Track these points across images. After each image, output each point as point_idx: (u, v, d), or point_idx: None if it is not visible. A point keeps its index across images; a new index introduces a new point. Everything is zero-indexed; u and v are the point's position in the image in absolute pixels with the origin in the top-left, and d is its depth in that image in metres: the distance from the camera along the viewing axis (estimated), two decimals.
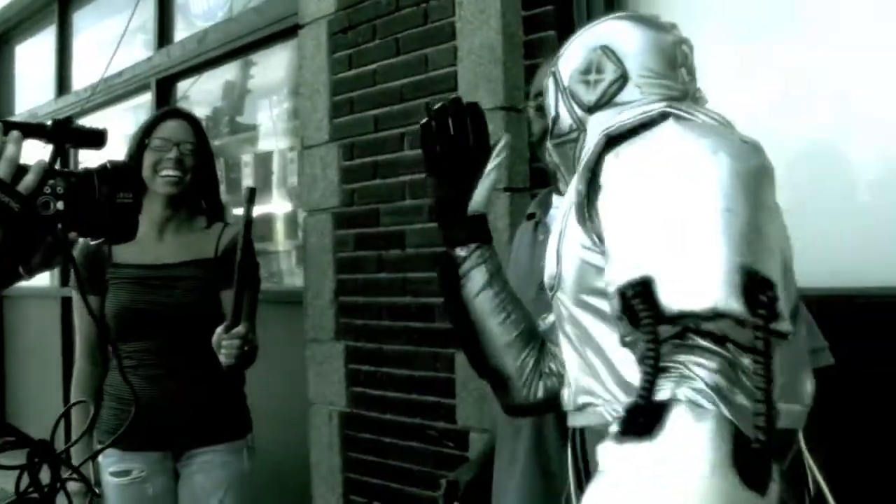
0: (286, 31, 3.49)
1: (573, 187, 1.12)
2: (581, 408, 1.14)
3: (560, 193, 1.61)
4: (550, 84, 1.26)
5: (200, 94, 4.45)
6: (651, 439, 0.73)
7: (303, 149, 3.22)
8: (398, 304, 2.80)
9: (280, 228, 4.07)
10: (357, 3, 2.94)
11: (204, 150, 2.33)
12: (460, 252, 1.29)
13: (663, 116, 1.03)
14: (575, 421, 1.16)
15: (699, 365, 0.78)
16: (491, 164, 1.31)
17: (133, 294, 2.23)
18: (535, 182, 2.53)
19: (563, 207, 1.18)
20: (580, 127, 1.20)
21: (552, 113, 1.24)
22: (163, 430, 2.16)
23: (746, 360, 0.78)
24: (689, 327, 0.80)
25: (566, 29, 2.51)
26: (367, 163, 2.92)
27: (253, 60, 4.16)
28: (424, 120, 1.36)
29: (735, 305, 0.79)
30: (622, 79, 1.17)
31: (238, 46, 3.90)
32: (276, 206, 4.08)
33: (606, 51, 1.18)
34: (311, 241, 3.17)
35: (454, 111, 1.32)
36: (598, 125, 1.14)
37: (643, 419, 0.75)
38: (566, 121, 1.22)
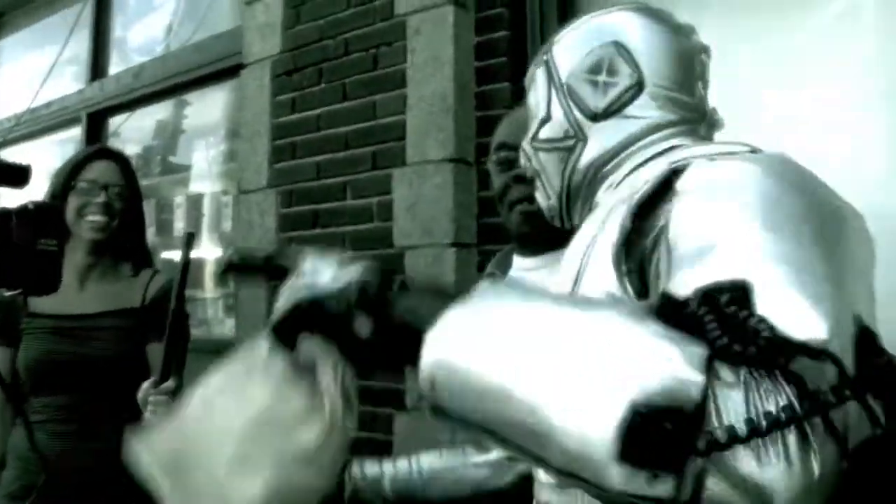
0: (227, 71, 3.36)
1: (596, 220, 0.94)
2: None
3: (526, 253, 1.52)
4: (540, 75, 1.10)
5: (133, 131, 4.27)
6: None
7: (239, 193, 3.08)
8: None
9: (210, 274, 3.90)
10: (303, 45, 2.83)
11: (133, 192, 2.18)
12: None
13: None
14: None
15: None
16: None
17: (49, 344, 2.04)
18: (482, 238, 2.44)
19: (575, 247, 0.99)
20: (578, 135, 1.04)
21: (541, 112, 1.08)
22: (73, 492, 1.97)
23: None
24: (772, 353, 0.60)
25: (520, 81, 2.45)
26: (307, 211, 2.79)
27: (189, 99, 4.01)
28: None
29: (846, 356, 0.61)
30: (638, 86, 1.01)
31: (175, 84, 3.74)
32: (207, 250, 3.91)
33: (621, 49, 1.02)
34: (243, 289, 3.01)
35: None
36: (608, 138, 1.02)
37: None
38: (560, 124, 1.05)
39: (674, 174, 0.84)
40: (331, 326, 0.78)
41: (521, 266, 1.53)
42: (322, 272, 0.81)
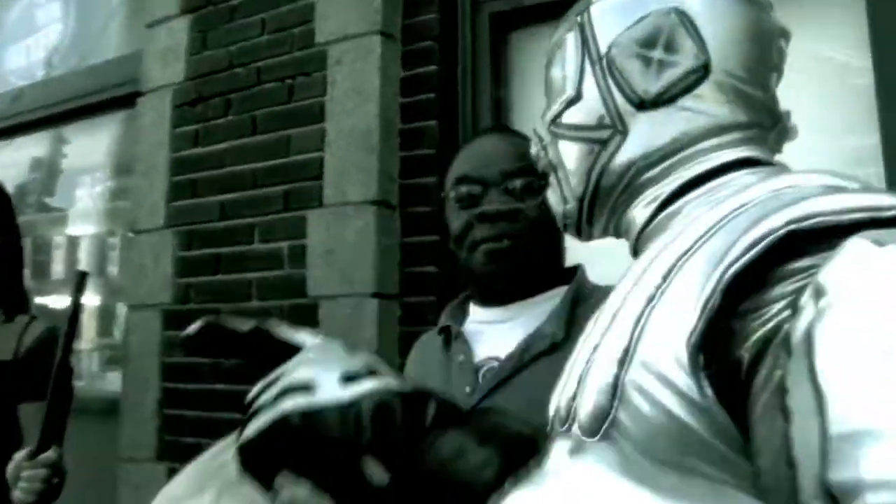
0: (120, 99, 3.05)
1: (651, 276, 0.69)
2: None
3: (488, 302, 1.32)
4: (571, 41, 0.87)
5: (8, 163, 3.87)
6: None
7: (131, 233, 2.77)
8: (238, 421, 2.35)
9: (92, 323, 3.52)
10: (210, 72, 2.58)
11: (9, 229, 1.88)
12: None
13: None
14: None
15: None
16: None
17: None
18: (406, 289, 2.22)
19: (617, 306, 0.73)
20: (617, 124, 0.81)
21: (569, 89, 0.85)
22: None
23: None
24: None
25: (450, 119, 2.28)
26: (208, 255, 2.51)
27: (75, 129, 3.65)
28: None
29: None
30: (703, 70, 0.78)
31: (59, 112, 3.38)
32: (88, 297, 3.54)
33: (685, 20, 0.79)
34: (132, 340, 2.68)
35: None
36: (656, 134, 0.79)
37: None
38: (593, 107, 0.83)
39: (791, 237, 0.60)
40: (327, 464, 0.53)
41: (481, 318, 1.32)
42: (328, 369, 0.56)
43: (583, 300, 1.27)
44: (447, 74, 2.32)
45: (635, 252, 0.85)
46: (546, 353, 1.21)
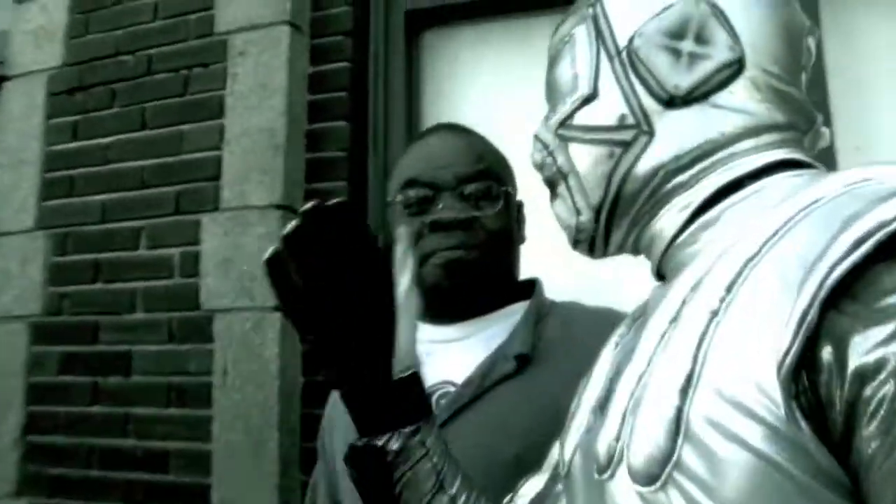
0: None
1: (705, 295, 0.59)
2: None
3: (441, 319, 1.16)
4: (582, 34, 0.78)
5: None
6: None
7: None
8: (117, 448, 2.10)
9: None
10: (93, 58, 2.32)
11: None
12: (391, 443, 0.76)
13: None
14: None
15: None
16: (403, 285, 0.80)
17: None
18: None
19: (667, 307, 0.63)
20: (642, 124, 0.71)
21: (583, 87, 0.75)
22: None
23: None
24: None
25: (360, 119, 2.12)
26: (87, 261, 2.24)
27: None
28: (273, 250, 0.78)
29: None
30: (737, 65, 0.70)
31: None
32: None
33: (717, 10, 0.71)
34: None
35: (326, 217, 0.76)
36: (688, 135, 0.70)
37: None
38: (614, 106, 0.73)
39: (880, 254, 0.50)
40: None
41: (431, 337, 1.17)
42: None
43: (543, 317, 1.14)
44: (358, 72, 2.16)
45: (660, 269, 0.73)
46: (510, 377, 1.08)
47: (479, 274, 1.12)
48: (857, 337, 0.48)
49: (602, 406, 0.72)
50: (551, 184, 0.80)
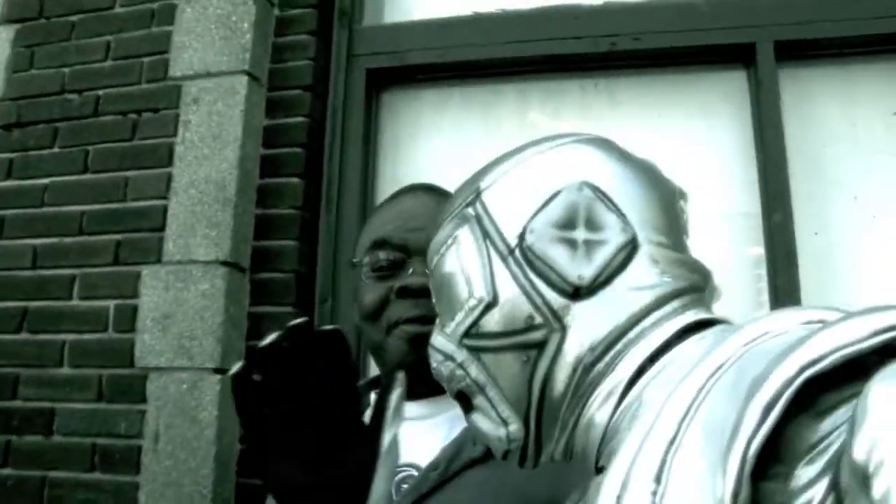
0: None
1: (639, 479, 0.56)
2: None
3: (408, 396, 1.09)
4: (466, 237, 0.75)
5: None
6: None
7: None
8: None
9: None
10: (36, 95, 2.20)
11: None
12: None
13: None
14: None
15: None
16: (390, 436, 0.74)
17: None
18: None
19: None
20: (551, 322, 0.69)
21: (479, 292, 0.72)
22: None
23: None
24: None
25: (314, 176, 2.06)
26: (13, 309, 2.08)
27: None
28: (242, 365, 0.70)
29: None
30: (632, 244, 0.70)
31: None
32: None
33: (599, 194, 0.71)
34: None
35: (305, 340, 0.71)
36: (600, 323, 0.68)
37: None
38: (516, 308, 0.70)
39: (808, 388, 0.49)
40: None
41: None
42: None
43: None
44: (315, 128, 2.10)
45: (597, 462, 0.69)
46: (478, 461, 1.01)
47: None
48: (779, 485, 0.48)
49: None
50: (464, 396, 0.76)
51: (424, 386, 1.09)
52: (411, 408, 1.09)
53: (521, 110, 2.15)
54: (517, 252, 0.71)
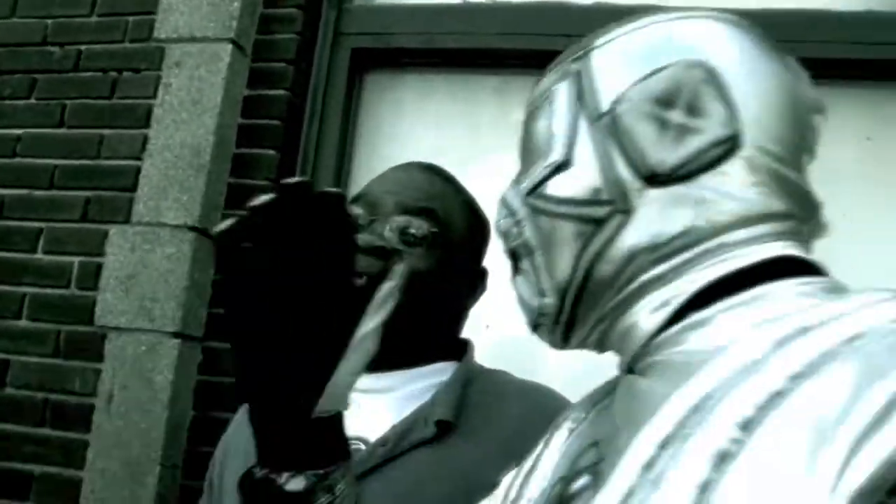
0: None
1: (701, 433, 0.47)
2: None
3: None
4: (563, 92, 0.69)
5: None
6: None
7: None
8: None
9: None
10: (15, 44, 2.18)
11: None
12: (291, 483, 0.63)
13: None
14: None
15: None
16: (370, 324, 0.64)
17: None
18: (210, 332, 1.94)
19: (650, 432, 0.51)
20: (618, 202, 0.62)
21: (556, 152, 0.66)
22: None
23: None
24: None
25: (290, 150, 2.05)
26: None
27: None
28: (232, 223, 0.59)
29: None
30: (732, 142, 0.61)
31: None
32: None
33: (714, 79, 0.62)
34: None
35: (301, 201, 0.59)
36: (669, 219, 0.61)
37: None
38: (589, 178, 0.64)
39: None
40: None
41: None
42: None
43: (470, 382, 1.09)
44: (296, 102, 2.10)
45: (631, 366, 0.64)
46: (427, 442, 1.01)
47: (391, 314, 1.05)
48: None
49: None
50: (514, 256, 0.72)
51: (384, 357, 1.09)
52: (368, 380, 1.08)
53: (502, 103, 2.16)
54: (606, 118, 0.64)
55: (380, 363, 1.08)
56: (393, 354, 1.08)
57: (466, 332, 1.20)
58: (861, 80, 1.97)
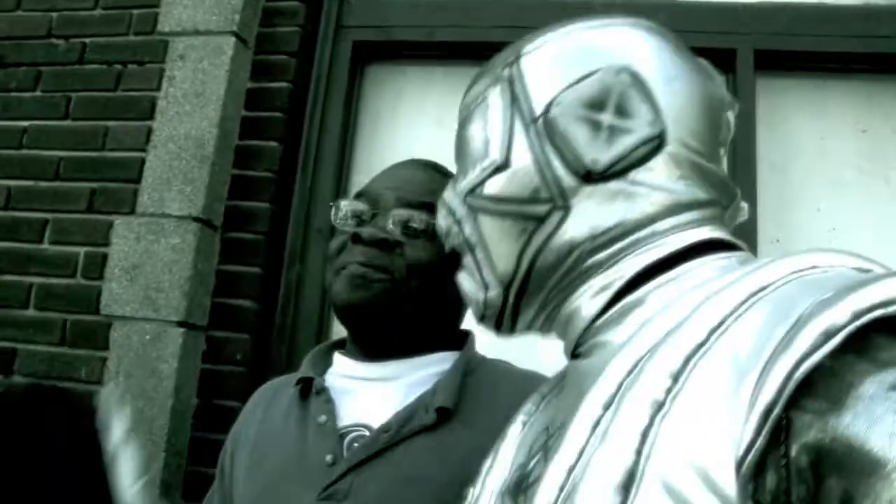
0: None
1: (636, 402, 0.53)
2: None
3: (358, 353, 1.13)
4: (496, 98, 0.73)
5: None
6: None
7: None
8: None
9: None
10: (21, 37, 2.21)
11: None
12: None
13: None
14: None
15: None
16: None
17: None
18: (215, 322, 1.97)
19: (596, 395, 0.57)
20: (556, 200, 0.67)
21: (494, 153, 0.71)
22: None
23: None
24: None
25: (292, 142, 2.08)
26: None
27: None
28: None
29: None
30: (658, 140, 0.66)
31: None
32: None
33: (637, 82, 0.68)
34: None
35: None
36: (605, 213, 0.67)
37: None
38: (526, 177, 0.68)
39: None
40: None
41: (351, 372, 1.12)
42: None
43: (470, 372, 1.12)
44: (298, 94, 2.12)
45: (576, 350, 0.69)
46: (428, 429, 1.04)
47: (388, 300, 1.08)
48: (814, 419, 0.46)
49: (513, 493, 0.67)
50: (456, 254, 0.77)
51: (379, 343, 1.12)
52: (371, 368, 1.12)
53: None
54: (540, 122, 0.69)
55: (383, 352, 1.12)
56: (396, 343, 1.11)
57: (467, 324, 1.23)
58: (857, 73, 1.99)
